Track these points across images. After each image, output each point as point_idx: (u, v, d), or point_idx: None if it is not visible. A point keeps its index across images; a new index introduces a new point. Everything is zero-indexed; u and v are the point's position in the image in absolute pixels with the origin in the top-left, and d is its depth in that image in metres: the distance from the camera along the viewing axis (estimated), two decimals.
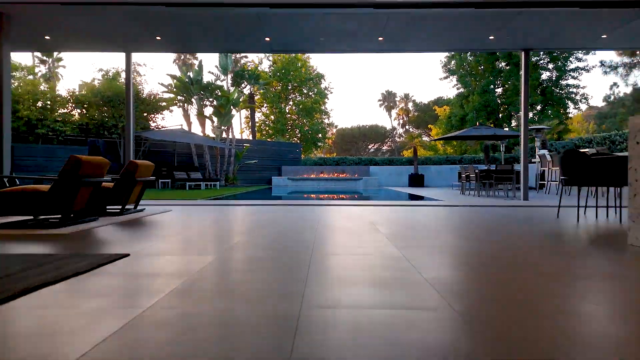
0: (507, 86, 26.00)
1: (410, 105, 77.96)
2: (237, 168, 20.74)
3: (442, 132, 28.70)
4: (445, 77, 26.97)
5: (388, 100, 79.19)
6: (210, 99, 19.19)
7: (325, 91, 43.85)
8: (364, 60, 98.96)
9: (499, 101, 25.63)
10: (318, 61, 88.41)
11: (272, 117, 42.59)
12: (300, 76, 42.16)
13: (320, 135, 42.29)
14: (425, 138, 57.23)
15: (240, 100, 20.23)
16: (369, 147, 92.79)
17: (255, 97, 42.50)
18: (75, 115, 16.26)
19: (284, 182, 21.88)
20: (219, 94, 18.96)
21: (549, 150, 16.82)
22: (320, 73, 43.73)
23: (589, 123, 39.29)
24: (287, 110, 42.91)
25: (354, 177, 21.99)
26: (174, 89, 18.36)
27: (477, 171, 11.74)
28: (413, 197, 12.49)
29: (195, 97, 18.72)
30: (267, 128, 42.55)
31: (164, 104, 18.73)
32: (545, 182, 13.25)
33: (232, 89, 20.28)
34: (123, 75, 22.84)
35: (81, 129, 16.09)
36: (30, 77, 16.06)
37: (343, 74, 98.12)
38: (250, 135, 40.36)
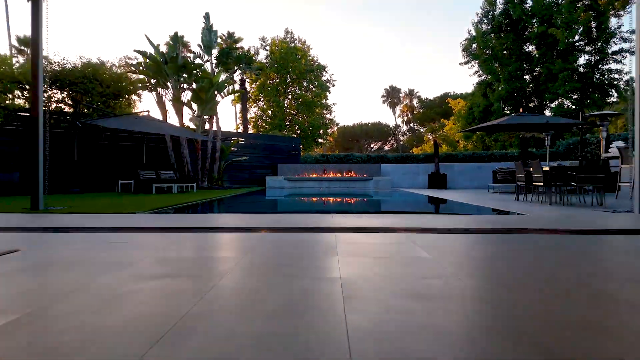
0: (536, 72, 22.52)
1: (415, 101, 74.40)
2: (223, 166, 17.28)
3: (460, 125, 25.23)
4: (466, 63, 23.38)
5: (392, 96, 75.71)
6: (189, 82, 15.70)
7: (327, 84, 40.32)
8: (367, 51, 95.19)
9: (527, 90, 22.09)
10: (319, 50, 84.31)
11: (270, 111, 39.17)
12: (300, 67, 38.72)
13: (321, 131, 38.73)
14: (431, 136, 53.61)
15: (226, 84, 16.72)
16: (372, 145, 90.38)
17: (251, 90, 39.09)
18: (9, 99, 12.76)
19: (280, 183, 18.43)
20: (200, 75, 15.46)
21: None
22: (322, 64, 40.25)
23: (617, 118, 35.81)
24: (286, 105, 39.48)
25: (362, 176, 18.55)
26: (144, 69, 14.85)
27: (545, 169, 8.31)
28: (444, 203, 9.07)
29: (171, 79, 15.24)
30: (264, 123, 39.16)
31: (132, 87, 15.29)
32: (632, 184, 9.79)
33: (216, 70, 16.76)
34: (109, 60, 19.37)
35: (20, 117, 12.62)
36: None
37: (344, 68, 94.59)
38: (241, 128, 36.96)
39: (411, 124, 75.70)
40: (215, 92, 15.98)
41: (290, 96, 40.28)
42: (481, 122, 21.98)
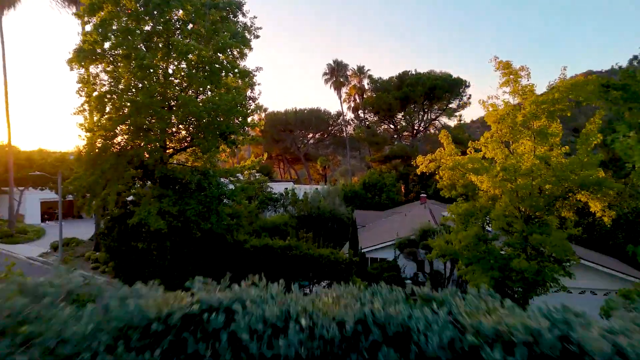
0: None
1: (365, 82, 57.88)
2: None
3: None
4: None
5: (337, 74, 58.22)
6: None
7: (245, 32, 20.89)
8: (304, 12, 75.51)
9: None
10: None
11: (131, 80, 18.79)
12: (192, 0, 19.03)
13: (239, 119, 19.27)
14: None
15: None
16: (309, 137, 72.32)
17: (86, 39, 18.40)
18: None
19: None
20: None
21: None
22: None
23: None
24: (165, 68, 19.53)
25: None
26: None
27: None
28: None
29: None
30: (118, 104, 18.70)
31: None
32: None
33: None
34: None
35: None
36: None
37: (270, 32, 74.22)
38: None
39: (360, 111, 59.15)
40: None
41: (174, 53, 19.35)
42: None
